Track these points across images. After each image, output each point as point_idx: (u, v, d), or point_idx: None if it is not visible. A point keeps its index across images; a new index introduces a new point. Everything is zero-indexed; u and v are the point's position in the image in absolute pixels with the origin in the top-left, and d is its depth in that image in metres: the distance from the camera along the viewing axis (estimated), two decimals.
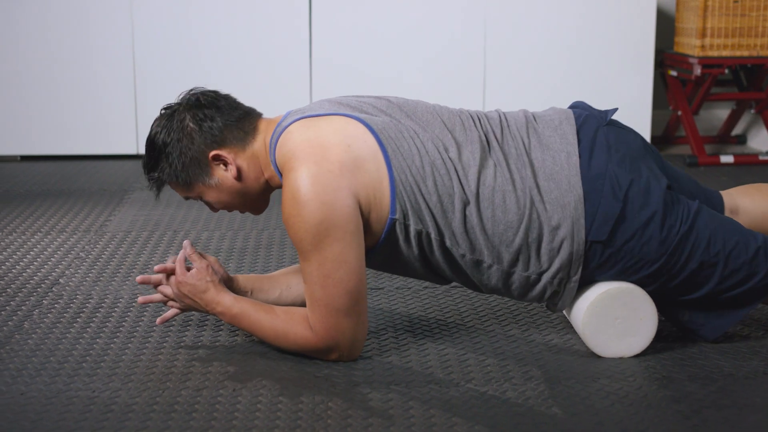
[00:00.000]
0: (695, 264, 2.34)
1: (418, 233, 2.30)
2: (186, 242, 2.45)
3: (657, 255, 2.32)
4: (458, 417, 2.07)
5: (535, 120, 2.43)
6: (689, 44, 5.05)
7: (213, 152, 2.39)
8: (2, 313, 2.72)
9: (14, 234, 3.59)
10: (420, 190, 2.29)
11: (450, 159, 2.32)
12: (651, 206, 2.31)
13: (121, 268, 3.15)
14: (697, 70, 4.94)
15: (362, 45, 5.08)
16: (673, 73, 5.20)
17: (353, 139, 2.30)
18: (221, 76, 4.95)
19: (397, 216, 2.29)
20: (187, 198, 2.48)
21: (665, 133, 5.50)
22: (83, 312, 2.72)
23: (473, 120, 2.42)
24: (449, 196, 2.29)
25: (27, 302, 2.81)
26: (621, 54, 5.11)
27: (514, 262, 2.32)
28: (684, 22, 5.12)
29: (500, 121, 2.43)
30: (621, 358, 2.38)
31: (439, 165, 2.30)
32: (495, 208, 2.29)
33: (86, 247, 3.42)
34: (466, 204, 2.29)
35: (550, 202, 2.30)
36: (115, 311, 2.73)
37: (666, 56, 5.29)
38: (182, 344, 2.48)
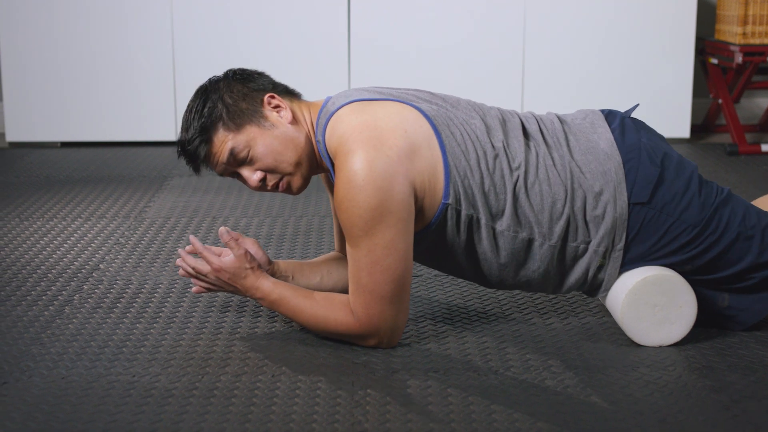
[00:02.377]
0: (733, 234, 2.36)
1: (469, 218, 2.31)
2: (222, 229, 2.39)
3: (697, 219, 2.34)
4: (497, 405, 2.07)
5: (563, 117, 2.50)
6: (730, 32, 5.00)
7: (268, 94, 2.40)
8: (43, 297, 2.74)
9: (55, 220, 3.62)
10: (473, 175, 2.30)
11: (499, 145, 2.34)
12: (686, 175, 2.38)
13: (161, 254, 3.17)
14: (739, 58, 4.89)
15: (401, 25, 5.07)
16: (714, 60, 5.15)
17: (409, 124, 2.29)
18: (260, 61, 4.93)
19: (450, 201, 2.29)
20: (229, 160, 2.35)
21: (705, 121, 5.46)
22: (123, 297, 2.74)
23: (510, 113, 2.46)
24: (501, 178, 2.31)
25: (67, 287, 2.83)
26: (661, 41, 5.08)
27: (563, 234, 2.34)
28: (725, 9, 5.07)
29: (534, 116, 2.47)
30: (660, 348, 2.37)
31: (489, 150, 2.32)
32: (541, 183, 2.33)
33: (126, 232, 3.44)
34: (515, 185, 2.32)
35: (589, 172, 2.35)
36: (154, 296, 2.74)
37: (707, 44, 5.24)
38: (221, 330, 2.49)
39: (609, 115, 2.48)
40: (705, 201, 2.36)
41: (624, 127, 2.43)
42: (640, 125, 2.46)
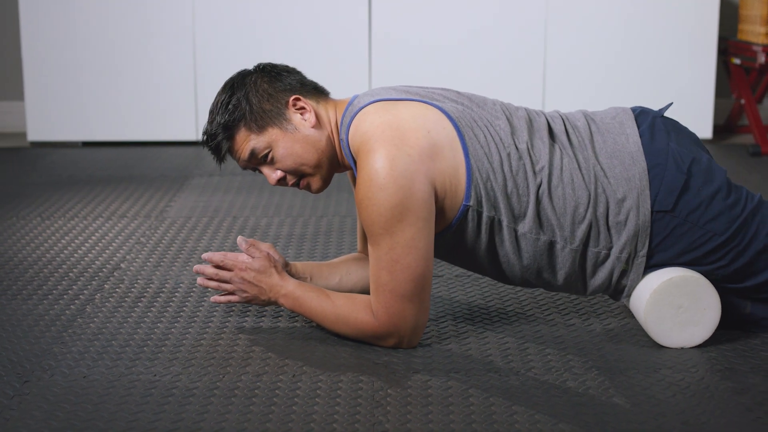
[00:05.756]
0: (760, 245, 2.33)
1: (491, 220, 2.30)
2: (239, 239, 2.43)
3: (723, 228, 2.31)
4: (518, 406, 2.06)
5: (592, 116, 2.46)
6: (753, 31, 4.98)
7: (294, 96, 2.39)
8: (65, 297, 2.75)
9: (76, 219, 3.63)
10: (496, 178, 2.29)
11: (523, 146, 2.32)
12: (715, 183, 2.33)
13: (182, 254, 3.17)
14: (762, 58, 4.87)
15: (422, 21, 5.07)
16: (737, 60, 5.13)
17: (432, 125, 2.29)
18: (281, 59, 4.93)
19: (471, 203, 2.29)
20: (250, 158, 2.39)
21: (728, 122, 5.43)
22: (144, 297, 2.74)
23: (536, 113, 2.43)
24: (524, 180, 2.30)
25: (89, 287, 2.84)
26: (683, 41, 5.06)
27: (584, 239, 2.32)
28: (748, 8, 5.05)
29: (560, 115, 2.45)
30: (683, 349, 2.36)
31: (512, 153, 2.31)
32: (565, 186, 2.30)
33: (147, 232, 3.45)
34: (539, 187, 2.30)
35: (614, 177, 2.32)
36: (175, 296, 2.75)
37: (729, 44, 5.22)
38: (242, 329, 2.49)
39: (640, 115, 2.43)
40: (733, 210, 2.32)
41: (654, 129, 2.39)
42: (671, 126, 2.42)
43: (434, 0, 5.06)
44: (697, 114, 5.10)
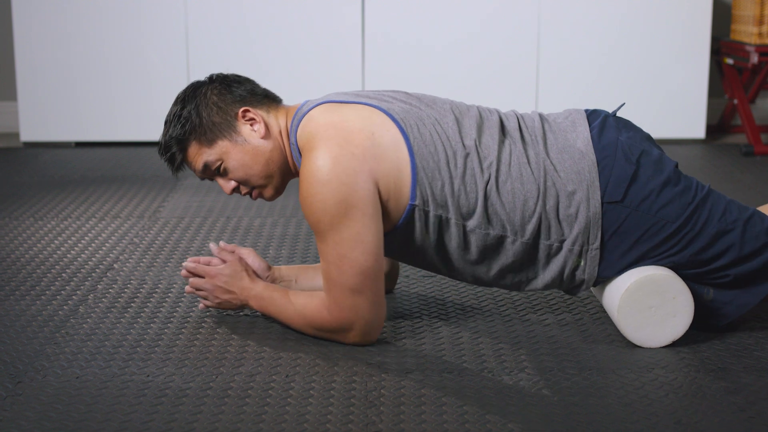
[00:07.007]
0: (713, 229, 2.35)
1: (438, 218, 2.32)
2: (212, 246, 2.52)
3: (675, 216, 2.33)
4: (513, 406, 2.06)
5: (547, 117, 2.49)
6: (746, 32, 4.98)
7: (243, 108, 2.41)
8: (58, 297, 2.74)
9: (69, 219, 3.62)
10: (441, 176, 2.31)
11: (470, 143, 2.35)
12: (664, 173, 2.36)
13: (175, 254, 3.17)
14: (754, 58, 4.87)
15: (415, 22, 5.07)
16: (730, 61, 5.14)
17: (377, 128, 2.32)
18: (274, 59, 4.96)
19: (417, 202, 2.31)
20: (204, 170, 2.44)
21: (721, 122, 5.44)
22: (137, 297, 2.74)
23: (489, 111, 2.46)
24: (472, 177, 2.32)
25: (82, 287, 2.83)
26: (676, 42, 5.06)
27: (535, 231, 2.33)
28: (741, 9, 5.06)
29: (516, 114, 2.47)
30: (675, 349, 2.36)
31: (459, 150, 2.33)
32: (513, 181, 2.32)
33: (140, 232, 3.44)
34: (487, 183, 2.32)
35: (563, 170, 2.35)
36: (168, 296, 2.74)
37: (722, 44, 5.23)
38: (235, 330, 2.49)
39: (592, 114, 2.47)
40: (684, 197, 2.35)
41: (604, 125, 2.42)
42: (622, 124, 2.45)
43: (427, 2, 5.06)
44: (690, 114, 5.11)
